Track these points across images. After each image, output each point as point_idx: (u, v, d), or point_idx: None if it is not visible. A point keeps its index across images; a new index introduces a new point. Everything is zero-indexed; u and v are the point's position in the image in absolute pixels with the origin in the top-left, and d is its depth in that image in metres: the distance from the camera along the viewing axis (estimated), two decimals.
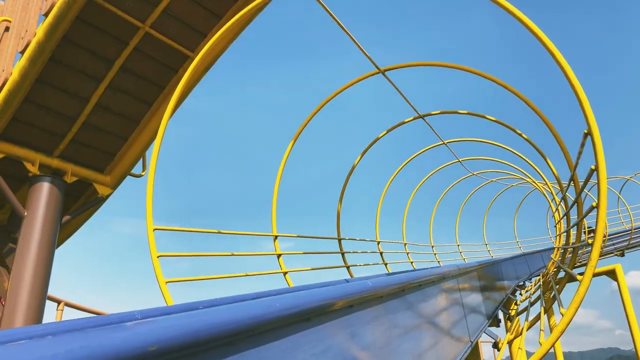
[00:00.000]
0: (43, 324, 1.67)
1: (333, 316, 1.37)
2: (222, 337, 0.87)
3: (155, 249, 3.57)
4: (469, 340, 3.49)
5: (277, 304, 1.07)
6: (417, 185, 10.98)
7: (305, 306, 1.18)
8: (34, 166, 5.88)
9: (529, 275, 11.12)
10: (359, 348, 1.55)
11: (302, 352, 1.18)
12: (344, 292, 1.44)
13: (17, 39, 5.55)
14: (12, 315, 5.36)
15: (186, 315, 0.86)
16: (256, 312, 0.98)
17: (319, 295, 1.28)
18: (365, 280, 1.65)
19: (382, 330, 1.79)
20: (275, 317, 1.05)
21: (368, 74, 5.85)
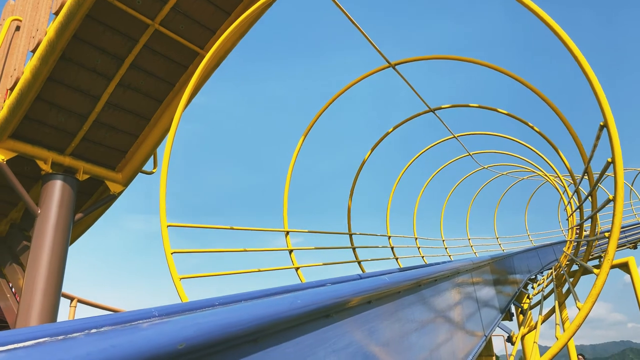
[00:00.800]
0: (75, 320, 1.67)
1: (352, 312, 1.36)
2: (246, 334, 0.87)
3: (169, 245, 3.58)
4: (483, 334, 3.48)
5: (299, 301, 1.07)
6: (428, 180, 10.94)
7: (326, 302, 1.18)
8: (46, 164, 5.93)
9: (540, 269, 11.05)
10: (378, 343, 1.55)
11: (323, 348, 1.17)
12: (363, 288, 1.43)
13: (28, 38, 5.58)
14: (27, 312, 5.42)
15: (212, 313, 0.86)
16: (279, 309, 0.98)
17: (339, 292, 1.28)
18: (382, 276, 1.64)
19: (399, 325, 1.78)
20: (298, 313, 1.04)
21: (378, 68, 5.82)
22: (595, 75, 2.87)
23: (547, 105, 4.91)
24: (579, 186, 5.57)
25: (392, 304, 1.69)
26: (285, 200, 5.94)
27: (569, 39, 3.03)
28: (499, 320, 4.37)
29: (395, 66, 5.59)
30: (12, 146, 5.68)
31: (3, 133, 5.51)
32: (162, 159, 4.09)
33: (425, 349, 2.08)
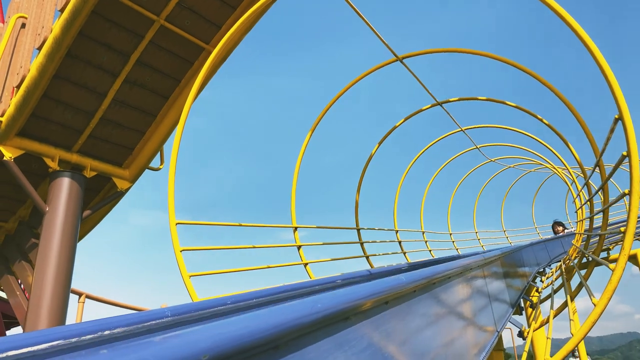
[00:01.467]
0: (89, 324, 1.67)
1: (370, 314, 1.34)
2: (269, 341, 0.85)
3: (178, 243, 3.57)
4: (495, 330, 3.45)
5: (319, 305, 1.04)
6: (435, 173, 10.89)
7: (346, 305, 1.15)
8: (53, 162, 5.93)
9: (548, 262, 11.00)
10: (396, 343, 1.53)
11: (343, 352, 1.15)
12: (381, 289, 1.41)
13: (33, 35, 5.57)
14: (37, 309, 5.43)
15: (236, 320, 0.84)
16: (300, 314, 0.96)
17: (358, 294, 1.26)
18: (399, 276, 1.62)
19: (415, 324, 1.76)
20: (318, 317, 1.02)
21: (386, 62, 5.77)
22: (609, 67, 2.82)
23: (557, 97, 4.86)
24: (589, 179, 5.52)
25: (407, 303, 1.67)
26: (293, 196, 5.92)
27: (580, 27, 2.98)
28: (510, 315, 4.34)
29: (403, 60, 5.55)
30: (20, 144, 5.69)
31: (10, 131, 5.52)
32: (170, 156, 4.07)
33: (440, 347, 2.06)
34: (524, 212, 20.08)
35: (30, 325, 5.40)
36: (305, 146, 6.13)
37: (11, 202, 6.83)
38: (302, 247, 5.69)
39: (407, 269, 6.08)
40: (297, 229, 5.82)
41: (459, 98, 6.85)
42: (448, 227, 12.95)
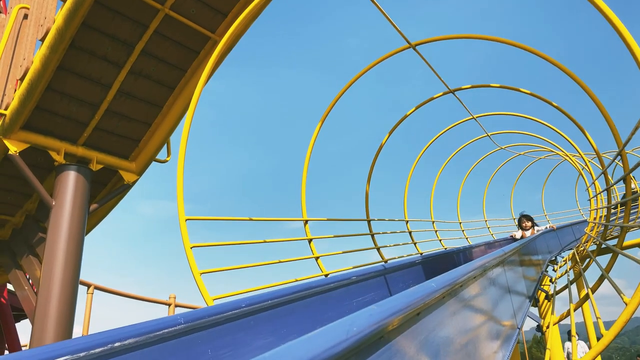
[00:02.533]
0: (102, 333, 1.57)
1: (402, 328, 1.23)
2: None
3: (188, 239, 3.47)
4: (516, 326, 3.35)
5: (355, 328, 0.93)
6: (445, 162, 10.74)
7: (380, 324, 1.05)
8: (59, 155, 5.84)
9: (560, 250, 10.88)
10: (430, 352, 1.43)
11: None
12: (414, 300, 1.30)
13: (36, 27, 5.45)
14: (45, 304, 5.38)
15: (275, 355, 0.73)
16: (338, 338, 0.85)
17: (392, 310, 1.15)
18: (429, 284, 1.51)
19: (446, 331, 1.66)
20: (355, 341, 0.91)
21: (398, 49, 5.61)
22: None
23: (577, 83, 4.70)
24: (607, 168, 5.37)
25: (437, 310, 1.56)
26: (303, 189, 5.80)
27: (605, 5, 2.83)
28: (528, 309, 4.24)
29: (416, 47, 5.39)
30: (25, 137, 5.60)
31: (15, 124, 5.42)
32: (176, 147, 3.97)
33: (468, 349, 1.97)
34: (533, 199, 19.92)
35: (39, 319, 5.35)
36: (315, 137, 6.00)
37: (18, 196, 6.76)
38: (312, 240, 5.60)
39: (420, 262, 5.97)
40: (308, 222, 5.72)
41: (471, 85, 6.69)
42: (458, 216, 12.83)
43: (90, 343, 1.48)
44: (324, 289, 2.89)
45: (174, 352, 1.76)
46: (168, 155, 6.89)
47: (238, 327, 2.06)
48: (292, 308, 2.51)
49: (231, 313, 2.09)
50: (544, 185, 18.04)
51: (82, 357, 1.45)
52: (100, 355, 1.48)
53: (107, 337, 1.52)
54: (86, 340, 1.47)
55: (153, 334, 1.68)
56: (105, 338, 1.52)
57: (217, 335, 1.96)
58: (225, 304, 2.04)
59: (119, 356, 1.56)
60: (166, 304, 8.52)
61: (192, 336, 1.85)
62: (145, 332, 1.64)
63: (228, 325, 2.02)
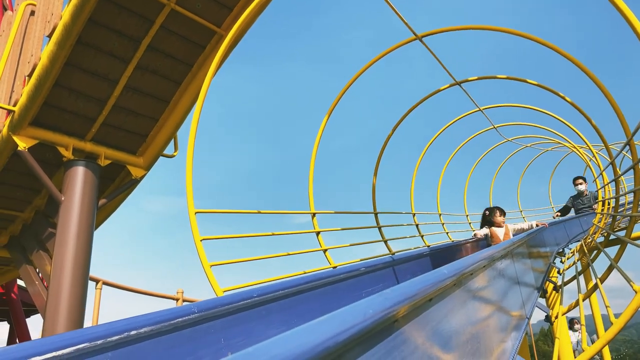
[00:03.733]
0: (119, 322, 1.61)
1: (415, 314, 1.25)
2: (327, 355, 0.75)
3: (198, 232, 3.50)
4: (525, 316, 3.36)
5: (370, 310, 0.95)
6: (452, 154, 10.72)
7: (395, 308, 1.06)
8: (67, 151, 5.88)
9: (567, 242, 10.85)
10: (442, 340, 1.44)
11: (392, 357, 1.06)
12: (427, 286, 1.32)
13: (43, 23, 5.47)
14: (56, 298, 5.43)
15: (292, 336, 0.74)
16: (355, 321, 0.87)
17: (407, 294, 1.16)
18: (441, 271, 1.52)
19: (457, 318, 1.67)
20: (370, 324, 0.93)
21: (404, 41, 5.60)
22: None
23: (584, 73, 4.67)
24: (615, 158, 5.35)
25: (449, 297, 1.58)
26: (310, 182, 5.82)
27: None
28: (536, 299, 4.24)
29: (422, 38, 5.37)
30: (33, 133, 5.63)
31: (23, 120, 5.46)
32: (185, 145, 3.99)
33: (479, 338, 1.98)
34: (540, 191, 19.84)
35: (50, 314, 5.40)
36: (322, 130, 6.01)
37: (27, 192, 6.82)
38: (320, 233, 5.62)
39: (428, 254, 5.98)
40: (315, 215, 5.74)
41: (477, 77, 6.66)
42: (465, 208, 12.81)
43: (107, 331, 1.51)
44: (334, 279, 2.91)
45: (187, 340, 1.78)
46: (175, 150, 6.92)
47: (250, 316, 2.08)
48: (303, 298, 2.53)
49: (243, 303, 2.11)
50: (551, 177, 17.98)
51: (100, 344, 1.47)
52: (117, 343, 1.51)
53: (123, 325, 1.54)
54: (103, 328, 1.49)
55: (167, 322, 1.70)
56: (121, 326, 1.54)
57: (229, 325, 1.98)
58: (238, 294, 2.06)
59: (135, 344, 1.58)
60: (174, 298, 8.58)
61: (205, 325, 1.87)
62: (160, 320, 1.67)
63: (240, 314, 2.04)
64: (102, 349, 1.48)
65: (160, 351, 1.68)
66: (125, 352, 1.56)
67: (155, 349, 1.66)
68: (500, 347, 2.35)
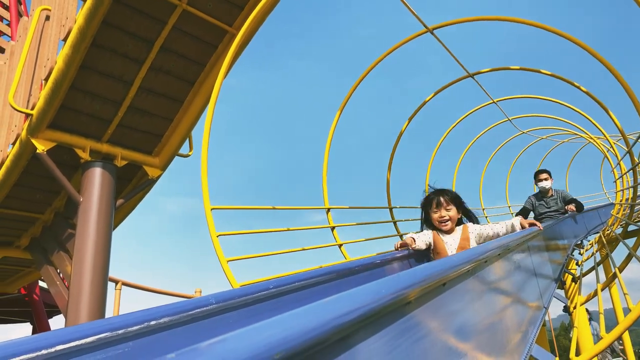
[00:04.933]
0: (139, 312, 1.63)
1: (428, 297, 1.26)
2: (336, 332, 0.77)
3: (214, 228, 3.54)
4: (543, 306, 3.35)
5: (383, 290, 0.97)
6: (466, 148, 10.66)
7: (408, 290, 1.08)
8: (85, 152, 5.97)
9: (586, 234, 10.73)
10: (455, 326, 1.45)
11: (405, 339, 1.08)
12: (440, 270, 1.33)
13: (58, 27, 5.56)
14: (77, 298, 5.53)
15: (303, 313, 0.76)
16: (366, 301, 0.89)
17: (420, 276, 1.18)
18: (453, 257, 1.53)
19: (472, 305, 1.68)
20: (383, 304, 0.95)
21: (415, 34, 5.58)
22: None
23: (600, 62, 4.62)
24: (632, 147, 5.29)
25: (462, 283, 1.59)
26: (324, 177, 5.84)
27: None
28: (554, 290, 4.21)
29: (434, 31, 5.36)
30: (51, 136, 5.73)
31: (41, 124, 5.56)
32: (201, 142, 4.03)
33: (496, 325, 1.98)
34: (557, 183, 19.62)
35: (72, 314, 5.50)
36: (335, 125, 6.02)
37: (46, 194, 6.94)
38: (335, 228, 5.64)
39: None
40: (330, 210, 5.76)
41: (491, 69, 6.62)
42: (480, 202, 12.73)
43: (128, 321, 1.54)
44: (349, 271, 2.93)
45: (206, 330, 1.82)
46: (190, 150, 6.99)
47: (266, 307, 2.11)
48: (318, 290, 2.55)
49: (260, 294, 2.13)
50: (568, 168, 17.77)
51: (121, 333, 1.51)
52: (137, 333, 1.54)
53: (144, 315, 1.57)
54: (124, 318, 1.53)
55: (186, 313, 1.73)
56: (142, 316, 1.58)
57: (246, 315, 2.01)
58: (254, 286, 2.09)
59: (155, 334, 1.61)
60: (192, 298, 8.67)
61: (223, 316, 1.90)
62: (179, 311, 1.70)
63: (257, 305, 2.07)
64: (123, 339, 1.52)
65: (179, 341, 1.71)
66: (145, 341, 1.59)
67: (174, 339, 1.69)
68: (518, 335, 2.35)
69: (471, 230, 3.65)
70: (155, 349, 1.59)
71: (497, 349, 1.98)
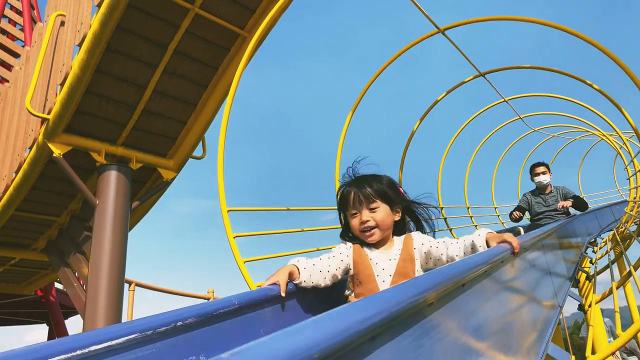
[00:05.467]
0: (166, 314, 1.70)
1: (449, 298, 1.30)
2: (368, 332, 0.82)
3: (230, 230, 3.59)
4: (558, 305, 3.36)
5: (412, 290, 1.00)
6: (478, 146, 10.65)
7: (430, 290, 1.11)
8: (100, 156, 6.06)
9: (599, 232, 10.67)
10: (475, 325, 1.49)
11: (429, 338, 1.12)
12: (462, 270, 1.37)
13: (73, 32, 5.65)
14: (94, 299, 5.62)
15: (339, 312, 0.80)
16: (396, 299, 0.93)
17: (441, 277, 1.22)
18: (472, 258, 1.56)
19: (490, 304, 1.72)
20: (408, 304, 0.98)
21: (427, 35, 5.60)
22: None
23: (611, 59, 4.62)
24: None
25: (481, 283, 1.62)
26: (337, 177, 5.88)
27: None
28: (568, 289, 4.22)
29: (445, 31, 5.37)
30: (67, 140, 5.82)
31: (58, 128, 5.65)
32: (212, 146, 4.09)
33: (512, 325, 2.01)
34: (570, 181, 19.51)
35: (89, 315, 5.59)
36: (347, 126, 6.06)
37: (62, 197, 7.04)
38: None
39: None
40: None
41: (502, 67, 6.63)
42: (493, 201, 12.71)
43: (156, 322, 1.59)
44: None
45: (228, 330, 1.86)
46: (204, 152, 7.06)
47: (287, 307, 2.16)
48: None
49: (279, 295, 2.17)
50: (580, 166, 17.66)
51: (149, 334, 1.56)
52: (165, 333, 1.59)
53: (171, 316, 1.62)
54: (152, 320, 1.58)
55: (210, 314, 1.78)
56: (169, 317, 1.62)
57: (267, 316, 2.05)
58: (274, 287, 2.14)
59: (181, 334, 1.66)
60: (205, 298, 8.73)
61: (245, 316, 1.94)
62: (204, 312, 1.75)
63: (277, 306, 2.12)
64: (152, 339, 1.57)
65: (203, 340, 1.76)
66: (171, 341, 1.64)
67: (198, 339, 1.74)
68: (534, 334, 2.38)
69: (416, 244, 2.31)
70: (181, 349, 1.64)
71: (514, 348, 2.00)
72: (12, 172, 6.75)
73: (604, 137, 10.93)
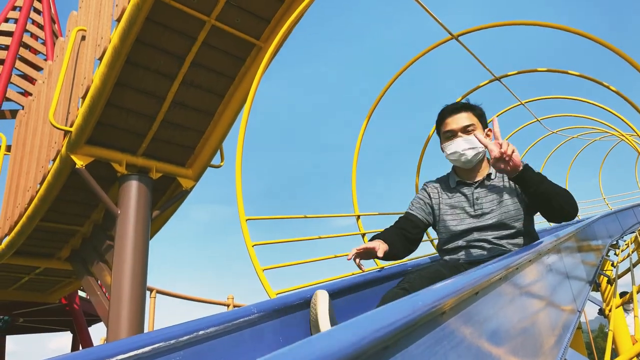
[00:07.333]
0: (187, 323, 1.77)
1: (462, 307, 1.33)
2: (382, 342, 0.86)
3: (249, 238, 3.66)
4: (577, 310, 3.35)
5: (420, 302, 1.04)
6: None
7: (442, 301, 1.15)
8: (121, 166, 6.19)
9: (621, 234, 10.51)
10: (488, 332, 1.51)
11: (441, 346, 1.15)
12: (474, 280, 1.40)
13: (93, 46, 5.80)
14: (118, 307, 5.73)
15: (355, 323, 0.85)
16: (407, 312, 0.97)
17: (453, 288, 1.25)
18: (488, 266, 1.59)
19: (504, 311, 1.74)
20: (420, 315, 1.02)
21: (440, 41, 5.63)
22: None
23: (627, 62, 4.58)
24: None
25: (495, 291, 1.64)
26: (353, 184, 5.92)
27: None
28: (588, 293, 4.19)
29: (459, 37, 5.40)
30: (89, 151, 5.97)
31: (80, 140, 5.79)
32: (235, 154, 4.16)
33: (528, 330, 2.03)
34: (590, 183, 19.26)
35: (113, 322, 5.70)
36: (363, 133, 6.10)
37: (85, 207, 7.20)
38: (366, 235, 5.71)
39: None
40: (360, 217, 5.83)
41: (517, 71, 6.60)
42: None
43: (179, 331, 1.65)
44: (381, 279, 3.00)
45: (249, 339, 1.91)
46: (222, 161, 7.16)
47: (305, 316, 2.20)
48: (350, 298, 2.63)
49: (298, 303, 2.22)
50: (601, 167, 17.42)
51: (173, 343, 1.62)
52: (187, 342, 1.65)
53: (193, 325, 1.68)
54: (175, 329, 1.64)
55: (231, 322, 1.83)
56: (192, 327, 1.68)
57: (287, 324, 2.10)
58: (293, 295, 2.18)
59: (203, 343, 1.72)
60: (225, 304, 8.81)
61: (264, 324, 1.99)
62: (224, 321, 1.80)
63: (296, 314, 2.16)
64: (175, 348, 1.63)
65: (225, 349, 1.81)
66: (194, 350, 1.70)
67: (221, 348, 1.79)
68: (552, 339, 2.38)
69: None
70: (205, 358, 1.70)
71: (530, 354, 2.02)
72: (37, 184, 6.93)
73: (624, 137, 10.79)
